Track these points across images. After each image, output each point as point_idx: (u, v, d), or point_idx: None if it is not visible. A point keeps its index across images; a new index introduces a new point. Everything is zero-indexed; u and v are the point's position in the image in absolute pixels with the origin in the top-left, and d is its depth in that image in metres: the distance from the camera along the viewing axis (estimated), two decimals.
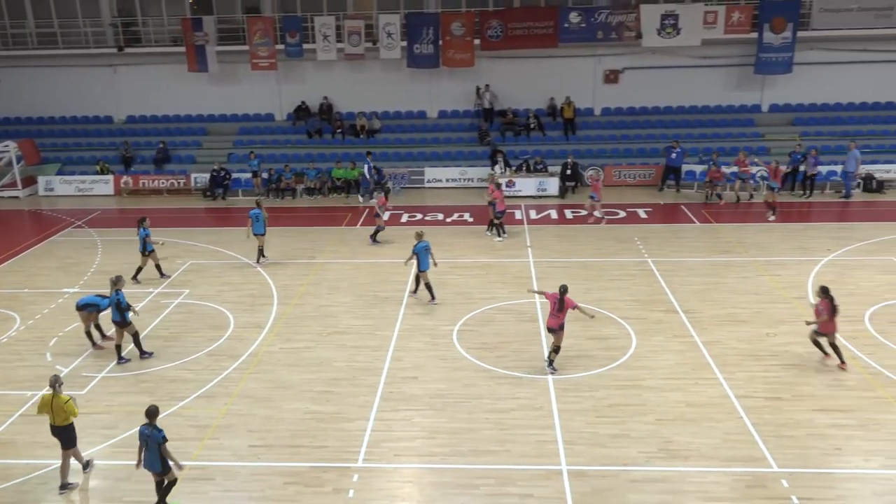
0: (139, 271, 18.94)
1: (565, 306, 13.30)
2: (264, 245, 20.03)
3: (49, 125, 32.51)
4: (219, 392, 13.31)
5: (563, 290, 13.43)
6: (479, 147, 29.65)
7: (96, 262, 20.76)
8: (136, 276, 18.85)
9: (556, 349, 13.65)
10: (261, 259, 19.98)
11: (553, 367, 13.67)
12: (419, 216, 24.46)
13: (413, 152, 29.82)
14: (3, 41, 31.63)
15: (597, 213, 23.17)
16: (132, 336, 14.59)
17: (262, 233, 19.68)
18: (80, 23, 31.22)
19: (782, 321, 15.51)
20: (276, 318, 16.52)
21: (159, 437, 9.85)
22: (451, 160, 29.41)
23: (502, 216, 21.62)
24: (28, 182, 29.54)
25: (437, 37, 28.85)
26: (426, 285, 17.02)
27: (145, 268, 18.97)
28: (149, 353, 14.75)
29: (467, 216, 24.37)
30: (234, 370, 14.11)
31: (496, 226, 21.69)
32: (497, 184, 22.22)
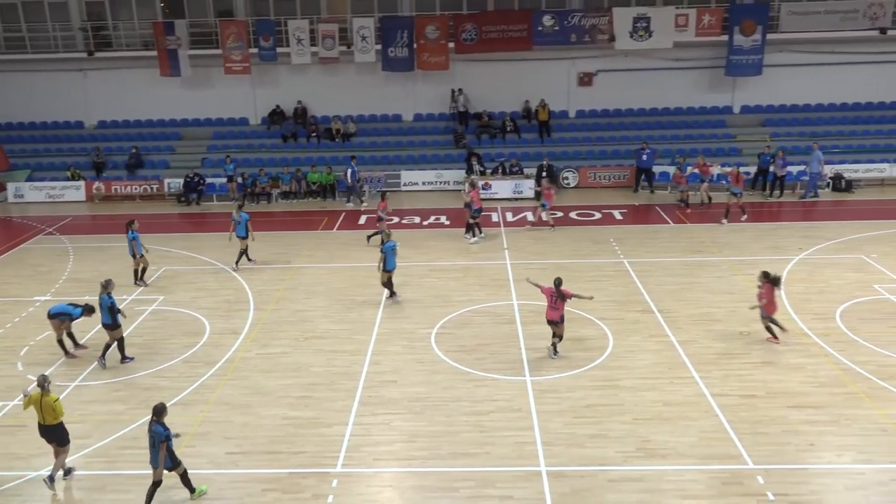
0: (143, 272, 19.02)
1: (564, 297, 13.88)
2: (247, 248, 20.06)
3: (18, 131, 31.95)
4: (195, 399, 13.18)
5: (558, 282, 13.99)
6: (454, 150, 29.72)
7: (68, 270, 20.46)
8: (141, 277, 18.98)
9: (559, 338, 14.23)
10: (239, 263, 19.90)
11: (557, 352, 14.25)
12: (396, 219, 24.39)
13: (389, 156, 29.78)
14: None
15: (543, 216, 23.00)
16: (117, 340, 14.55)
17: (243, 236, 19.76)
18: (48, 27, 30.76)
19: (756, 320, 15.69)
20: (253, 324, 16.40)
21: (163, 436, 9.96)
22: (427, 163, 29.41)
23: (479, 215, 21.69)
24: None
25: (411, 40, 28.87)
26: (386, 283, 17.31)
27: (138, 269, 19.01)
28: (130, 357, 14.72)
29: (444, 219, 24.41)
30: (211, 377, 13.99)
31: (473, 226, 21.73)
32: (472, 184, 22.28)
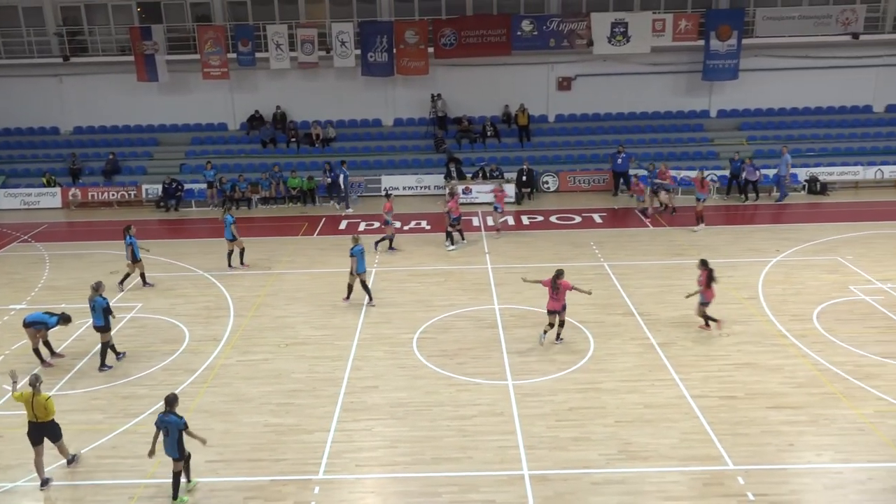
0: (142, 277, 19.12)
1: (561, 289, 14.48)
2: (233, 250, 20.27)
3: None
4: None
5: (558, 274, 14.54)
6: (435, 155, 29.73)
7: (44, 278, 20.19)
8: (144, 282, 19.13)
9: (561, 324, 14.87)
10: (234, 263, 20.27)
11: (561, 339, 14.97)
12: (376, 224, 24.36)
13: (369, 160, 29.74)
14: None
15: (490, 221, 22.89)
16: (103, 343, 14.55)
17: (230, 238, 20.00)
18: (23, 32, 30.36)
19: (734, 321, 15.88)
20: (233, 331, 16.28)
21: (181, 423, 10.23)
22: (408, 168, 29.41)
23: (458, 223, 21.69)
24: None
25: (391, 45, 28.87)
26: (348, 286, 17.44)
27: (133, 274, 19.07)
28: (109, 366, 14.63)
29: (425, 224, 24.40)
30: (191, 384, 13.86)
31: (451, 233, 21.70)
32: (451, 192, 22.30)
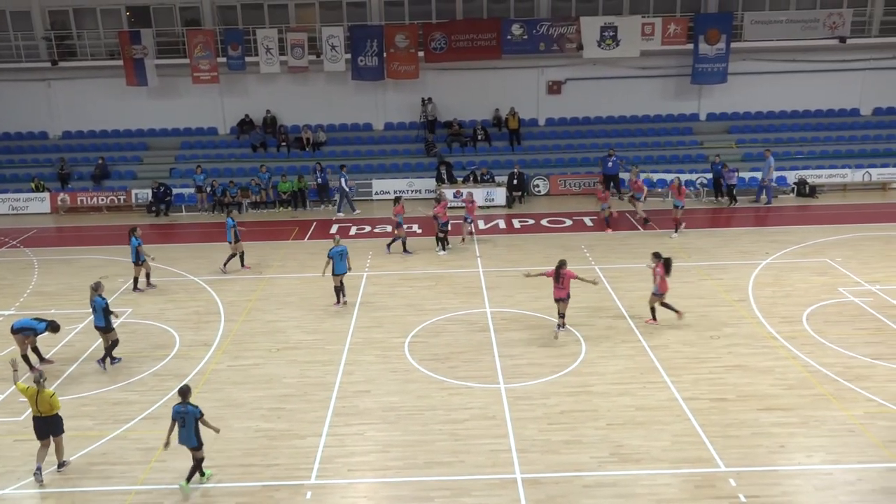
0: (136, 282, 19.14)
1: (565, 278, 14.95)
2: (234, 253, 20.27)
3: None
4: (165, 413, 12.82)
5: (561, 264, 15.05)
6: (426, 158, 29.75)
7: (33, 283, 20.04)
8: (135, 286, 19.14)
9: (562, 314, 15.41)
10: (230, 267, 20.30)
11: (564, 325, 15.48)
12: (367, 228, 24.34)
13: (360, 164, 29.69)
14: None
15: (465, 229, 22.63)
16: (105, 343, 14.65)
17: (231, 241, 20.04)
18: (11, 36, 30.20)
19: (725, 324, 15.94)
20: (224, 336, 16.20)
21: (197, 412, 10.50)
22: (399, 172, 29.41)
23: (446, 228, 21.66)
24: None
25: (381, 49, 28.88)
26: (335, 289, 17.56)
27: (139, 276, 19.15)
28: (117, 358, 14.84)
29: (416, 227, 24.35)
30: None
31: (440, 239, 21.67)
32: (438, 199, 22.26)
